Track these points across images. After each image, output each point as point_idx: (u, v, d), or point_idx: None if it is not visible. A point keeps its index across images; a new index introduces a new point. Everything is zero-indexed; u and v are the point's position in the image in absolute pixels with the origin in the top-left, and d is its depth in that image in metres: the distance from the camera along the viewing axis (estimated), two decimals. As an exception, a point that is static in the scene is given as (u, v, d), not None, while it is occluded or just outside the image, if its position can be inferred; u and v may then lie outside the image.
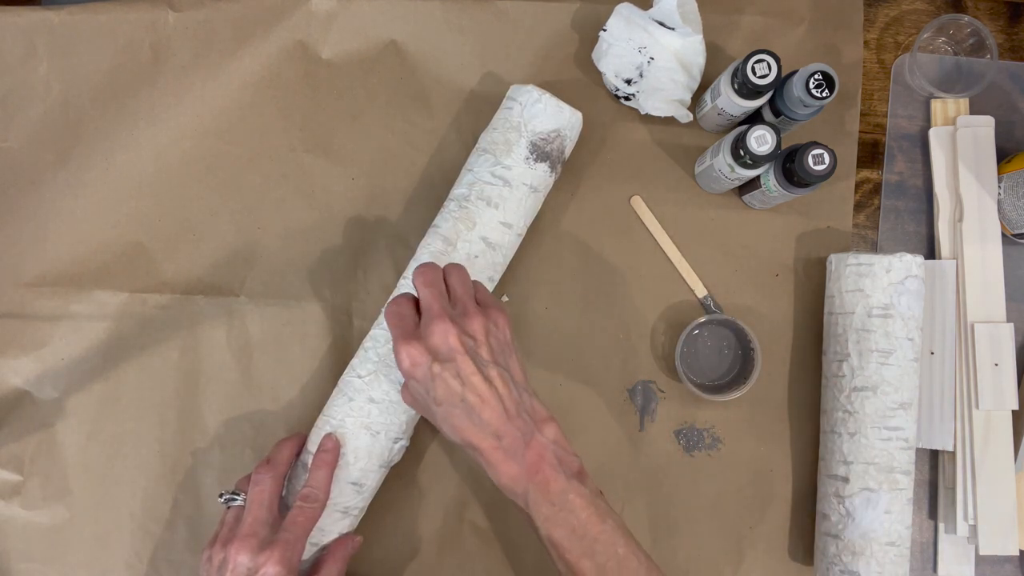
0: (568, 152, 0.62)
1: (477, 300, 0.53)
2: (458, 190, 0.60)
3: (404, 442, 0.59)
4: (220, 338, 0.65)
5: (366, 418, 0.57)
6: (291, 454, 0.58)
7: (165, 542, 0.64)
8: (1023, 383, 0.66)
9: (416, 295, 0.53)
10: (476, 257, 0.59)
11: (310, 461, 0.56)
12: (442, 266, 0.54)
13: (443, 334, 0.49)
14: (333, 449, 0.56)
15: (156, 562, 0.64)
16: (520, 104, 0.60)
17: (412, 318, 0.52)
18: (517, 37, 0.68)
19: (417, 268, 0.53)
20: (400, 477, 0.65)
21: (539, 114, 0.59)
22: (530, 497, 0.50)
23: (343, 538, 0.58)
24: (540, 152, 0.59)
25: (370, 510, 0.64)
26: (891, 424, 0.60)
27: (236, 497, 0.56)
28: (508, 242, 0.60)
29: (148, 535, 0.64)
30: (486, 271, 0.59)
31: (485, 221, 0.59)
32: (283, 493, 0.57)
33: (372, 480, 0.58)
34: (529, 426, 0.51)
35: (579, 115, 0.61)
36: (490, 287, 0.60)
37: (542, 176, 0.60)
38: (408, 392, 0.54)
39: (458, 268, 0.54)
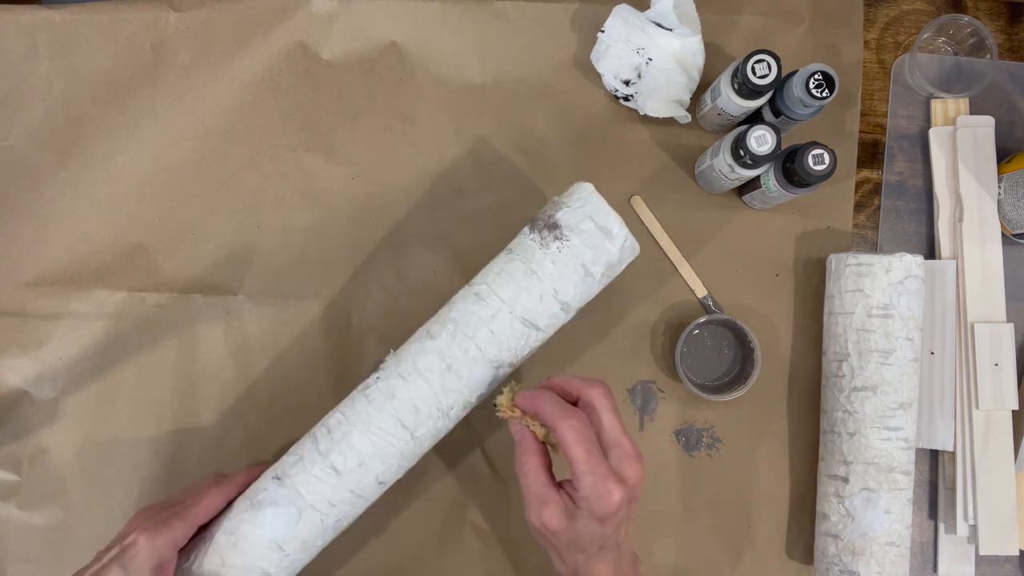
0: (561, 221, 0.54)
1: None
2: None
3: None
4: (218, 337, 0.65)
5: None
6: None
7: (164, 542, 0.64)
8: (1023, 383, 0.66)
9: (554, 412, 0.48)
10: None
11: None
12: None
13: (638, 479, 0.46)
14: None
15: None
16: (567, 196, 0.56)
17: (595, 439, 0.47)
18: (517, 37, 0.68)
19: (594, 386, 0.48)
20: (400, 480, 0.65)
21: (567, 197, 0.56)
22: None
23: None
24: (531, 218, 0.55)
25: (370, 510, 0.64)
26: (891, 424, 0.60)
27: None
28: (461, 297, 0.55)
29: (148, 535, 0.64)
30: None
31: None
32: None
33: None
34: (634, 563, 0.50)
35: (588, 186, 0.55)
36: (419, 340, 0.55)
37: (520, 237, 0.55)
38: (558, 516, 0.47)
39: (611, 395, 0.49)
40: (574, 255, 0.53)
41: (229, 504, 0.55)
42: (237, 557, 0.52)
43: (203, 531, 0.54)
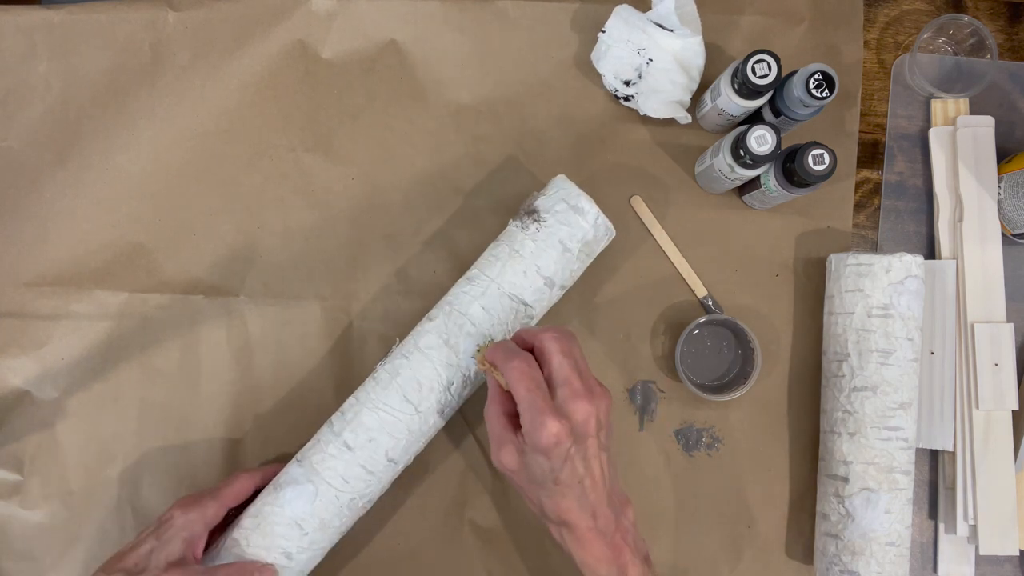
0: (539, 207, 0.59)
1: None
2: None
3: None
4: (220, 338, 0.65)
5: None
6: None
7: (165, 542, 0.64)
8: (1023, 383, 0.66)
9: (512, 358, 0.50)
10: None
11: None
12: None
13: (585, 415, 0.48)
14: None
15: (156, 562, 0.64)
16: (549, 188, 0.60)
17: (545, 387, 0.49)
18: (517, 37, 0.68)
19: (547, 330, 0.51)
20: (400, 477, 0.65)
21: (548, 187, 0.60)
22: None
23: (248, 564, 0.54)
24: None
25: (370, 510, 0.64)
26: (891, 424, 0.60)
27: None
28: (456, 284, 0.59)
29: (148, 535, 0.64)
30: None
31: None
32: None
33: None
34: (618, 509, 0.51)
35: (561, 176, 0.60)
36: (420, 324, 0.58)
37: (506, 229, 0.60)
38: (513, 455, 0.50)
39: (575, 339, 0.52)
40: (551, 233, 0.58)
41: (258, 492, 0.58)
42: (260, 537, 0.55)
43: (234, 517, 0.57)
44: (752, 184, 0.64)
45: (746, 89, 0.58)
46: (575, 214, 0.58)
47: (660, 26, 0.63)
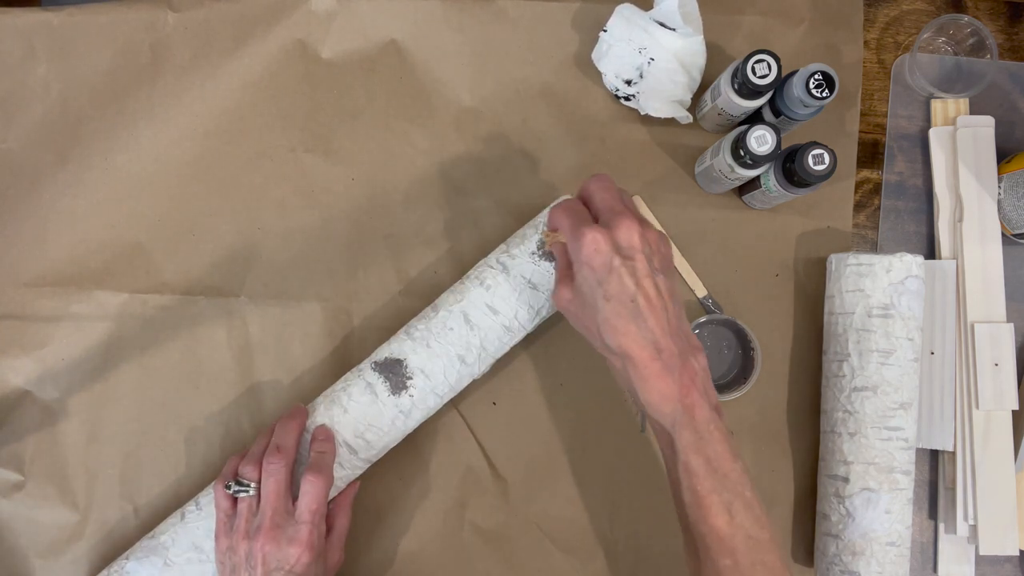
0: None
1: None
2: (474, 268, 0.60)
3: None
4: (220, 339, 0.65)
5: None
6: (298, 436, 0.57)
7: (165, 542, 0.64)
8: (1023, 383, 0.66)
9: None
10: (451, 330, 0.57)
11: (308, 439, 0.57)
12: None
13: (628, 229, 0.48)
14: (331, 437, 0.57)
15: (156, 562, 0.64)
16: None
17: (587, 214, 0.51)
18: (517, 37, 0.68)
19: (593, 177, 0.53)
20: (400, 477, 0.65)
21: None
22: (678, 419, 0.48)
23: (346, 489, 0.60)
24: (546, 250, 0.57)
25: (370, 510, 0.64)
26: (891, 424, 0.60)
27: (246, 490, 0.55)
28: (490, 327, 0.57)
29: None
30: (456, 347, 0.57)
31: (472, 299, 0.58)
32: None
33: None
34: (685, 347, 0.49)
35: None
36: (458, 365, 0.58)
37: (544, 274, 0.57)
38: (568, 286, 0.51)
39: (613, 181, 0.53)
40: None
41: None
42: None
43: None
44: (752, 184, 0.64)
45: (746, 89, 0.58)
46: None
47: (662, 25, 0.63)
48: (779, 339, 0.67)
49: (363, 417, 0.57)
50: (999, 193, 0.66)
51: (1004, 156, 0.67)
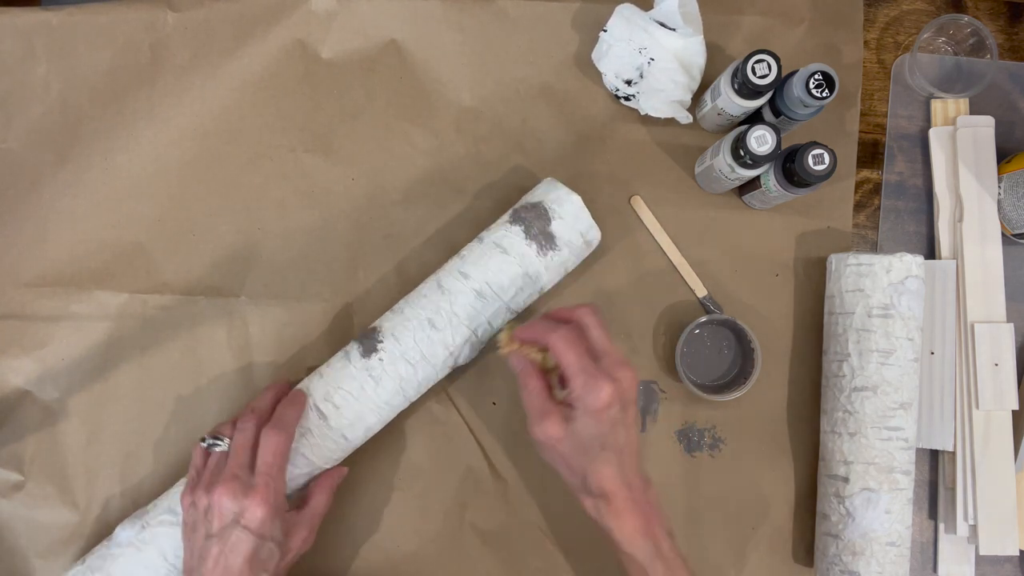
0: (556, 231, 0.59)
1: None
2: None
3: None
4: (220, 339, 0.65)
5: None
6: (274, 401, 0.58)
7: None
8: (1023, 383, 0.66)
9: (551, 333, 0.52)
10: (424, 296, 0.59)
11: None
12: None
13: (631, 382, 0.51)
14: (298, 398, 0.58)
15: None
16: (538, 188, 0.62)
17: (588, 353, 0.51)
18: (517, 37, 0.68)
19: (580, 307, 0.53)
20: (400, 478, 0.65)
21: (539, 191, 0.61)
22: (650, 551, 0.51)
23: (329, 471, 0.59)
24: (517, 216, 0.59)
25: (370, 511, 0.64)
26: (891, 424, 0.60)
27: (220, 442, 0.56)
28: (460, 290, 0.58)
29: (148, 535, 0.64)
30: (427, 311, 0.58)
31: (447, 267, 0.60)
32: None
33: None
34: (646, 481, 0.53)
35: (576, 198, 0.59)
36: (427, 329, 0.58)
37: (515, 239, 0.59)
38: (559, 425, 0.51)
39: (599, 314, 0.54)
40: (562, 262, 0.60)
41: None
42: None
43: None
44: (752, 184, 0.64)
45: (746, 89, 0.58)
46: (586, 248, 0.61)
47: (662, 25, 0.63)
48: (779, 339, 0.67)
49: (333, 380, 0.59)
50: (999, 193, 0.66)
51: (1004, 156, 0.67)
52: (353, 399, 0.58)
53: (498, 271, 0.58)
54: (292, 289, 0.66)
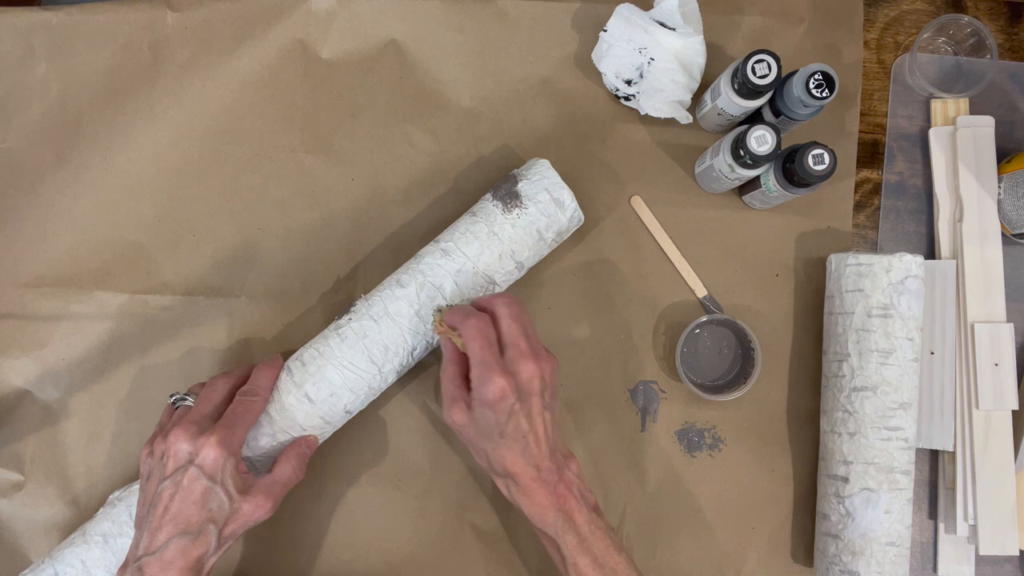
0: (522, 190, 0.60)
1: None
2: None
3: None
4: (221, 339, 0.65)
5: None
6: (251, 369, 0.58)
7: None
8: (1023, 383, 0.66)
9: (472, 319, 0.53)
10: (403, 267, 0.61)
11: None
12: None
13: (530, 374, 0.52)
14: (275, 362, 0.58)
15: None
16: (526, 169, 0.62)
17: (497, 346, 0.53)
18: (517, 37, 0.68)
19: (499, 297, 0.54)
20: (400, 478, 0.65)
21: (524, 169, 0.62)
22: (560, 525, 0.53)
23: (298, 438, 0.58)
24: (492, 186, 0.61)
25: (370, 511, 0.64)
26: (891, 424, 0.60)
27: (187, 398, 0.57)
28: (428, 251, 0.60)
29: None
30: (398, 274, 0.60)
31: (428, 247, 0.61)
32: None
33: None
34: (560, 461, 0.54)
35: (544, 160, 0.61)
36: (394, 287, 0.59)
37: (484, 203, 0.60)
38: (463, 412, 0.53)
39: (523, 307, 0.55)
40: (531, 221, 0.60)
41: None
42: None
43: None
44: (752, 184, 0.64)
45: (746, 89, 0.58)
46: (556, 207, 0.60)
47: (662, 25, 0.63)
48: (779, 339, 0.67)
49: (306, 340, 0.61)
50: (999, 193, 0.66)
51: (1004, 156, 0.67)
52: (318, 355, 0.58)
53: (464, 232, 0.60)
54: (292, 289, 0.66)
